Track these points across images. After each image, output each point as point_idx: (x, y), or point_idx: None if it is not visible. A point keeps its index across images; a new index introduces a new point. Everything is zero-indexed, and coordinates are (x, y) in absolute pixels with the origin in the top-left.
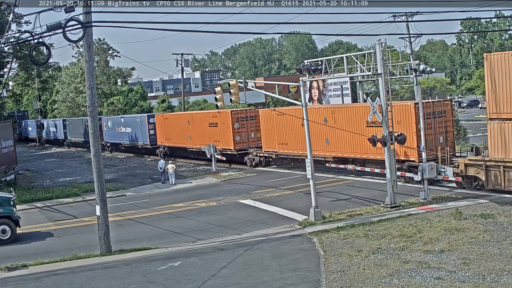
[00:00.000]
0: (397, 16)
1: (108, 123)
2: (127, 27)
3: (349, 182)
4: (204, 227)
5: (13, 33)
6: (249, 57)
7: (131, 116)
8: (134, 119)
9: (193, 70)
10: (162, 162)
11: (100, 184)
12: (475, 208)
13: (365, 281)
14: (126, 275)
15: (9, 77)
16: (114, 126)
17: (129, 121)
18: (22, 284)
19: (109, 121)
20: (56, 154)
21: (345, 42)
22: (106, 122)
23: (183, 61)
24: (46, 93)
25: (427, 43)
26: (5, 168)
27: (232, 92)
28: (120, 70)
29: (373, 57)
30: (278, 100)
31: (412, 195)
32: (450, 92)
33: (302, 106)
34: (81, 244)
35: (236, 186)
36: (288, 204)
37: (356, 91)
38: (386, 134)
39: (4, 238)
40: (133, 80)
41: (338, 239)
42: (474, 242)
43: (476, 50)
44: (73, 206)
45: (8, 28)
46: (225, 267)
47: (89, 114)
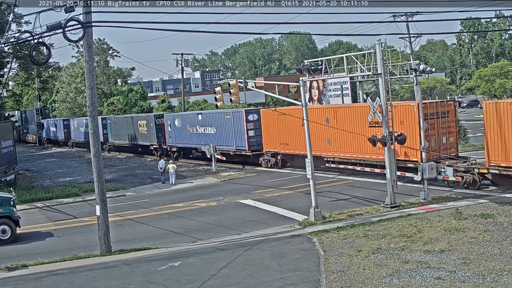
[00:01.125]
0: (397, 16)
1: (174, 121)
2: (127, 27)
3: (349, 182)
4: (204, 227)
5: (13, 33)
6: (249, 57)
7: (216, 112)
8: (220, 115)
9: (193, 70)
10: (162, 162)
11: (100, 184)
12: (475, 208)
13: (365, 281)
14: (126, 275)
15: (9, 77)
16: (184, 126)
17: (211, 119)
18: (22, 284)
19: (176, 119)
20: (56, 154)
21: (345, 42)
22: (172, 121)
23: (183, 61)
24: (46, 93)
25: (427, 43)
26: (5, 168)
27: (232, 92)
28: (120, 70)
29: (373, 57)
30: (278, 100)
31: (412, 195)
32: (450, 92)
33: (302, 106)
34: (81, 244)
35: (236, 186)
36: (288, 204)
37: (356, 91)
38: (386, 134)
39: (4, 238)
40: (133, 80)
41: (338, 239)
42: (474, 242)
43: (476, 50)
44: (73, 206)
45: (8, 28)
46: (225, 267)
47: (89, 114)
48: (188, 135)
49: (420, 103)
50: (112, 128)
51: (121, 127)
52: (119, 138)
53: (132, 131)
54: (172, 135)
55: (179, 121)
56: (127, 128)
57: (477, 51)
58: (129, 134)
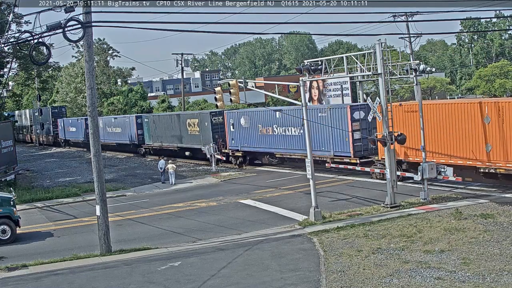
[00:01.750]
0: (397, 16)
1: (240, 120)
2: (127, 27)
3: (349, 182)
4: (204, 227)
5: (13, 33)
6: (249, 57)
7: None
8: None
9: (193, 70)
10: (162, 162)
11: (100, 184)
12: (475, 208)
13: (365, 281)
14: (126, 275)
15: (9, 77)
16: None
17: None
18: (22, 284)
19: (242, 118)
20: (56, 154)
21: (345, 42)
22: (236, 119)
23: (183, 61)
24: (46, 93)
25: (427, 43)
26: (5, 168)
27: (232, 92)
28: (120, 70)
29: (373, 57)
30: (278, 100)
31: (412, 195)
32: (450, 92)
33: (302, 106)
34: (81, 244)
35: (236, 186)
36: (288, 204)
37: (356, 91)
38: (386, 134)
39: (4, 238)
40: (133, 80)
41: (338, 239)
42: (474, 242)
43: (476, 50)
44: (73, 206)
45: (8, 28)
46: (225, 267)
47: (89, 114)
48: (259, 137)
49: (420, 103)
50: (149, 128)
51: (163, 127)
52: (159, 140)
53: (178, 132)
54: (235, 136)
55: (246, 120)
56: (171, 128)
57: (477, 51)
58: (173, 135)
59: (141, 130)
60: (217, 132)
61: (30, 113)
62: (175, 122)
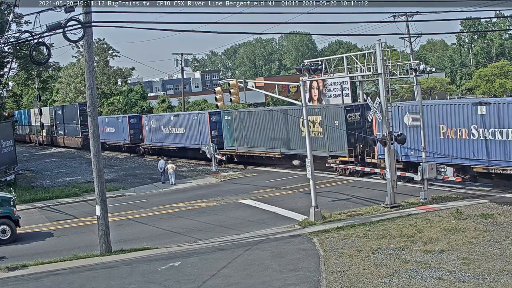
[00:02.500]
0: (397, 16)
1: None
2: (127, 27)
3: (349, 182)
4: (204, 227)
5: (13, 33)
6: (249, 57)
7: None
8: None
9: (193, 70)
10: (162, 162)
11: (100, 184)
12: (475, 208)
13: (365, 281)
14: (126, 275)
15: (9, 77)
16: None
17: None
18: (22, 284)
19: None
20: (56, 154)
21: (345, 42)
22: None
23: (183, 61)
24: (46, 93)
25: (427, 43)
26: (5, 168)
27: (232, 92)
28: (120, 70)
29: (373, 57)
30: (278, 100)
31: (412, 195)
32: (450, 92)
33: (302, 106)
34: (81, 244)
35: (236, 186)
36: (288, 204)
37: (356, 91)
38: (386, 134)
39: (4, 238)
40: (133, 80)
41: (338, 239)
42: (474, 242)
43: (476, 50)
44: (73, 206)
45: (8, 28)
46: (225, 267)
47: (89, 114)
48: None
49: (420, 103)
50: (231, 129)
51: (255, 126)
52: (249, 144)
53: (284, 134)
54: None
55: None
56: (270, 128)
57: (477, 51)
58: (274, 138)
59: (216, 130)
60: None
61: (51, 112)
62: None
